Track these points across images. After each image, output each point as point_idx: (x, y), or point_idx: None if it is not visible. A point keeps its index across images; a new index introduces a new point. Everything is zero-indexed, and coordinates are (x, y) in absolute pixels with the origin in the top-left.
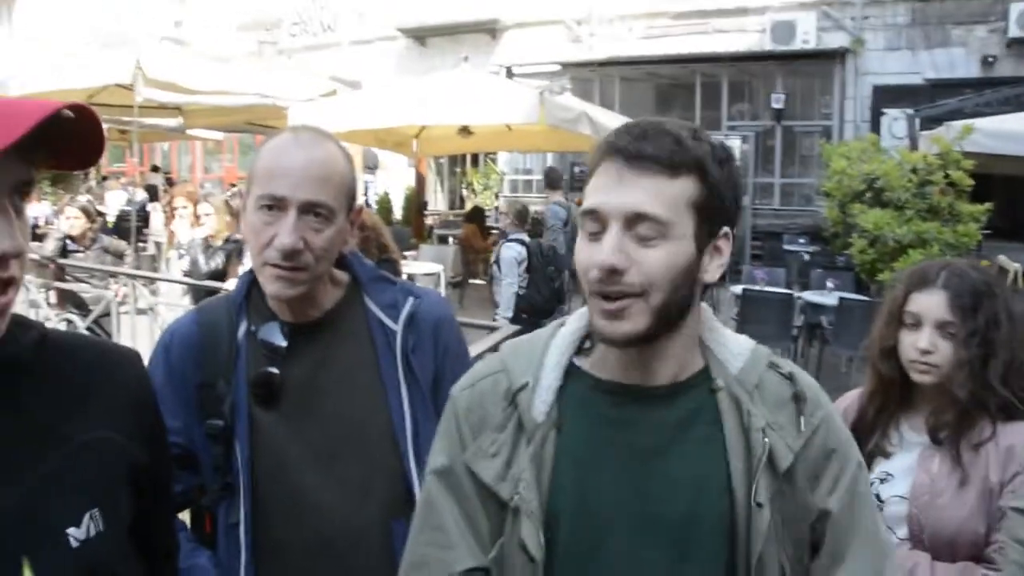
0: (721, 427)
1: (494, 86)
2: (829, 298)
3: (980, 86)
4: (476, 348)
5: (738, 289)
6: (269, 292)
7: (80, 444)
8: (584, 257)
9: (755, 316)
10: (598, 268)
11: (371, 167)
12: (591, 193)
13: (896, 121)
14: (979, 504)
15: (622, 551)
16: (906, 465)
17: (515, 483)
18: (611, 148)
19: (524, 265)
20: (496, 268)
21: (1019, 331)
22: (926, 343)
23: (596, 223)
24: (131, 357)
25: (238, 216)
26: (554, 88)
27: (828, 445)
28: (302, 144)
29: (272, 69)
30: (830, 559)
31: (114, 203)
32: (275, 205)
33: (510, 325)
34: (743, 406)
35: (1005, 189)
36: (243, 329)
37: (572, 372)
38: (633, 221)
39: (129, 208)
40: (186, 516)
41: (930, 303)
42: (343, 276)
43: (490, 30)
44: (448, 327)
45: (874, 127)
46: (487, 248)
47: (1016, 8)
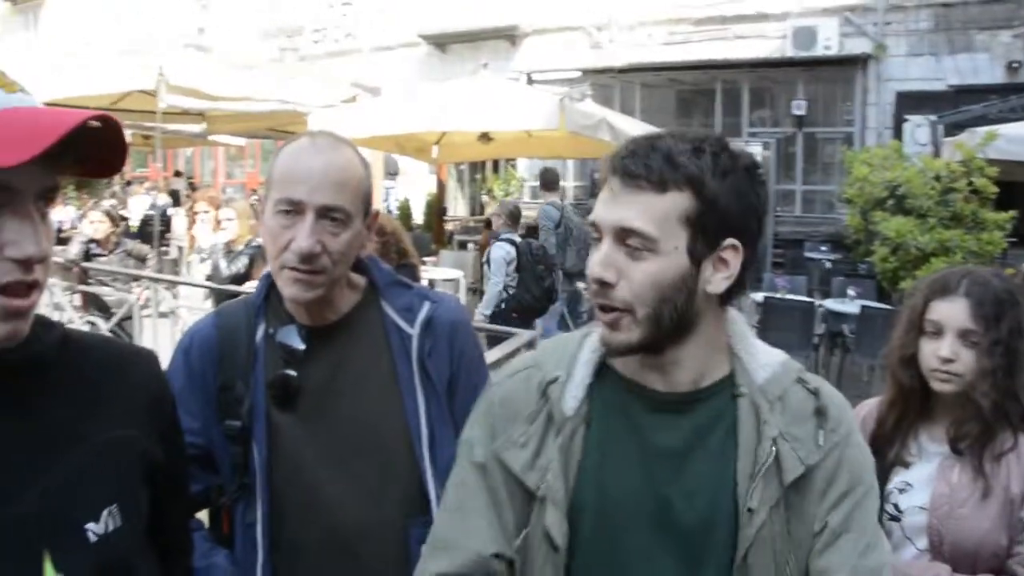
0: (738, 434)
1: (514, 92)
2: (851, 306)
3: (1004, 92)
4: (493, 354)
5: (759, 297)
6: (287, 295)
7: (99, 441)
8: (587, 267)
9: (776, 324)
10: (592, 279)
11: (392, 173)
12: (595, 206)
13: (919, 128)
14: (1001, 515)
15: (639, 551)
16: (925, 475)
17: (542, 473)
18: (610, 164)
19: (513, 265)
20: (487, 267)
21: None
22: (948, 352)
23: (597, 234)
24: (148, 357)
25: None
26: (574, 95)
27: (844, 463)
28: (319, 149)
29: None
30: (820, 547)
31: (137, 208)
32: (293, 209)
33: (528, 331)
34: (761, 415)
35: None
36: (261, 332)
37: (604, 371)
38: (622, 235)
39: (152, 212)
40: (204, 516)
41: (952, 311)
42: (360, 280)
43: (510, 37)
44: (464, 332)
45: (897, 134)
46: None
47: None
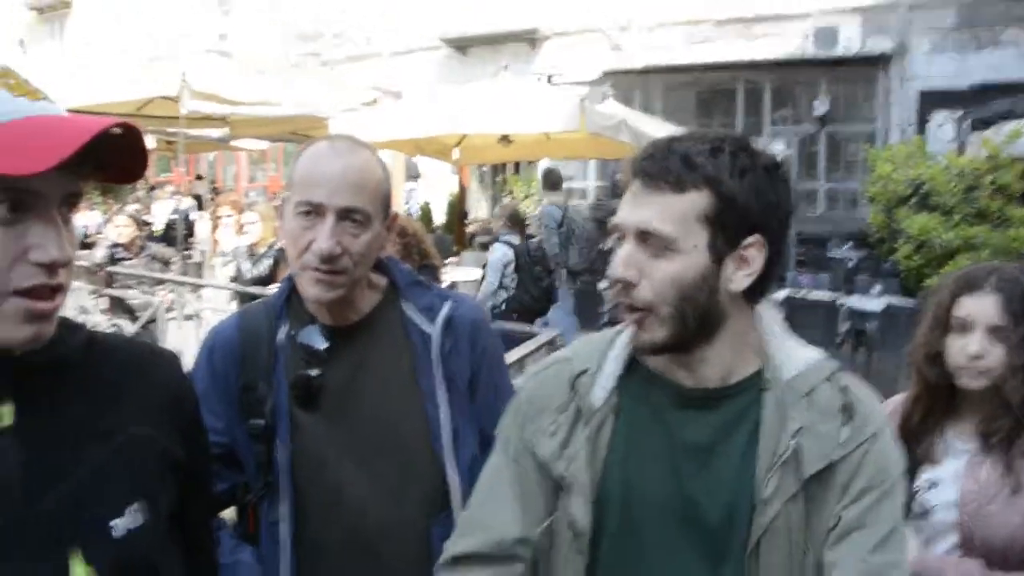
0: (760, 429)
1: (534, 94)
2: (874, 304)
3: None
4: (515, 354)
5: (781, 295)
6: (308, 296)
7: (123, 440)
8: (610, 268)
9: (799, 322)
10: (614, 280)
11: (413, 176)
12: (619, 208)
13: (943, 125)
14: None
15: (662, 543)
16: (953, 472)
17: (569, 462)
18: (632, 167)
19: (512, 266)
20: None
21: None
22: (976, 348)
23: (620, 236)
24: (169, 358)
25: None
26: (595, 96)
27: (868, 460)
28: (339, 152)
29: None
30: (832, 540)
31: (161, 212)
32: (313, 211)
33: (550, 331)
34: (786, 410)
35: None
36: (283, 332)
37: (634, 365)
38: (643, 236)
39: (175, 217)
40: (229, 514)
41: (981, 307)
42: (381, 280)
43: (530, 39)
44: (484, 331)
45: (920, 132)
46: None
47: None
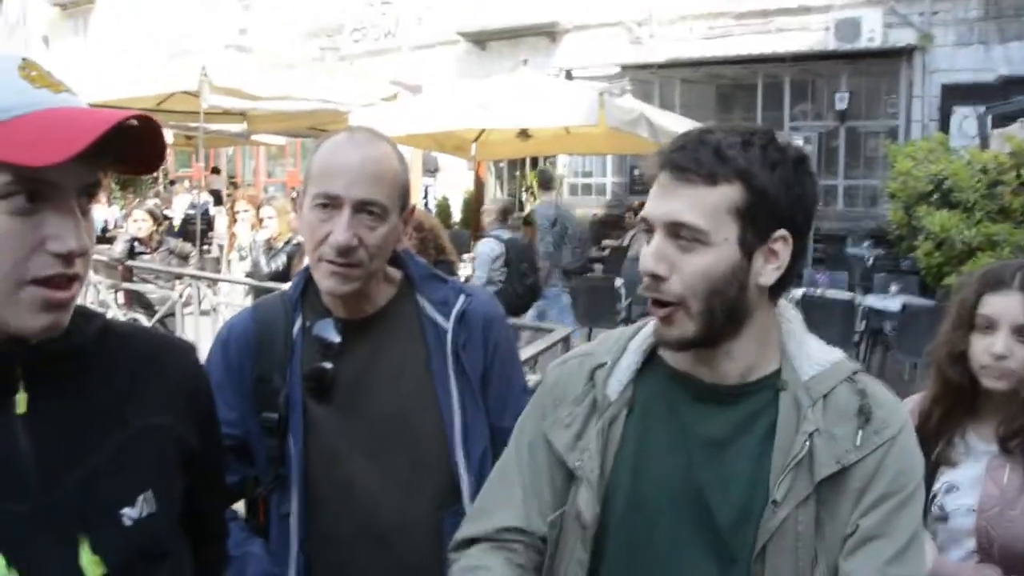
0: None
1: (553, 89)
2: (893, 303)
3: None
4: (530, 350)
5: (797, 293)
6: (324, 288)
7: (137, 429)
8: (639, 263)
9: (815, 321)
10: (644, 273)
11: (431, 171)
12: (647, 202)
13: (966, 119)
14: None
15: (671, 537)
16: (972, 475)
17: (582, 453)
18: (660, 159)
19: (500, 260)
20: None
21: None
22: (1002, 347)
23: (648, 229)
24: (185, 348)
25: None
26: (614, 90)
27: (885, 466)
28: (357, 144)
29: (334, 75)
30: (849, 550)
31: (180, 207)
32: (330, 203)
33: (565, 327)
34: (802, 411)
35: None
36: (298, 325)
37: (652, 359)
38: (674, 229)
39: (194, 211)
40: (240, 506)
41: (1007, 305)
42: (396, 274)
43: (549, 33)
44: (498, 326)
45: (943, 127)
46: None
47: None
